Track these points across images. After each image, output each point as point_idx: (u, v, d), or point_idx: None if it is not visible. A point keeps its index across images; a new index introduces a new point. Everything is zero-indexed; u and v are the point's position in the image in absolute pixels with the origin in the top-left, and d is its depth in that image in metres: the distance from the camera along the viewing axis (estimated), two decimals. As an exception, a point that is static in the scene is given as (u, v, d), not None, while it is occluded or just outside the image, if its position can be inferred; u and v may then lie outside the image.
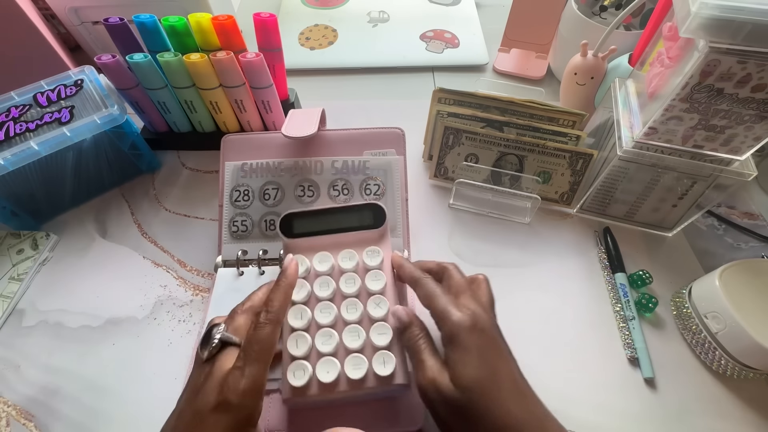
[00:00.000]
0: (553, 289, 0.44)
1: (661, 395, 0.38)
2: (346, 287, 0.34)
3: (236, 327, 0.29)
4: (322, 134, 0.44)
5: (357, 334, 0.32)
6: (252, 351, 0.26)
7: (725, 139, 0.37)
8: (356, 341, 0.31)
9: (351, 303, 0.33)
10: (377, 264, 0.34)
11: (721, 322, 0.36)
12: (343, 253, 0.35)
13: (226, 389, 0.25)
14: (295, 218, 0.36)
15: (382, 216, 0.36)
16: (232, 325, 0.29)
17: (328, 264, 0.34)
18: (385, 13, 0.75)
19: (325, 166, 0.44)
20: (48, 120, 0.42)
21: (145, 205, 0.50)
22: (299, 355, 0.31)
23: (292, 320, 0.32)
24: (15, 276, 0.44)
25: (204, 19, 0.43)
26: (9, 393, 0.38)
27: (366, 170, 0.44)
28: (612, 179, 0.44)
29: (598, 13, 0.56)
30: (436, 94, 0.49)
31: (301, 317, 0.32)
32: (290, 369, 0.30)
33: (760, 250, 0.47)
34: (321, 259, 0.34)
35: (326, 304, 0.33)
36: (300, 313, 0.32)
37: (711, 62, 0.31)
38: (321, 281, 0.34)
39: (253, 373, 0.25)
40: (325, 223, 0.36)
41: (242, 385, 0.25)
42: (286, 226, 0.35)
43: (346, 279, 0.34)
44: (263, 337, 0.27)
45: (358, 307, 0.33)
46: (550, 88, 0.62)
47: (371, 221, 0.36)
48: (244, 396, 0.25)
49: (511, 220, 0.49)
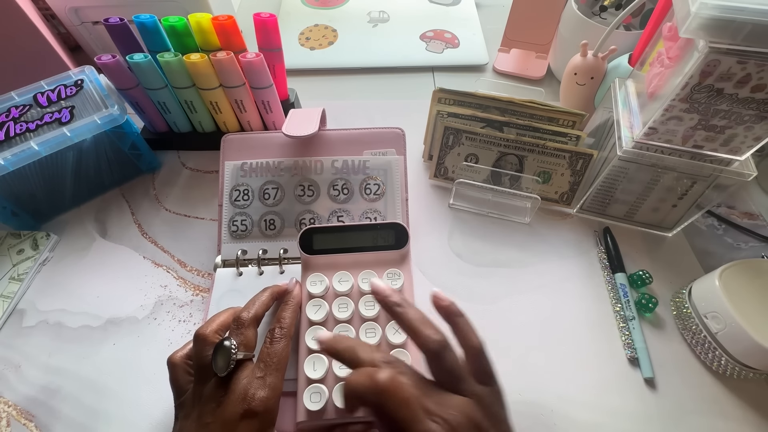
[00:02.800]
0: (553, 289, 0.44)
1: (661, 395, 0.38)
2: (365, 310, 0.33)
3: (246, 341, 0.30)
4: (322, 134, 0.44)
5: None
6: (272, 363, 0.29)
7: (725, 140, 0.37)
8: None
9: (370, 327, 0.32)
10: (398, 287, 0.34)
11: (721, 322, 0.36)
12: (364, 273, 0.34)
13: (251, 398, 0.27)
14: (315, 233, 0.35)
15: (404, 236, 0.35)
16: (242, 340, 0.30)
17: (348, 284, 0.34)
18: (385, 13, 0.75)
19: (325, 166, 0.44)
20: (48, 120, 0.42)
21: (145, 205, 0.50)
22: (316, 378, 0.31)
23: (310, 341, 0.32)
24: (15, 276, 0.44)
25: (204, 19, 0.43)
26: (9, 393, 0.38)
27: (366, 170, 0.44)
28: (612, 179, 0.44)
29: (598, 13, 0.56)
30: (436, 94, 0.49)
31: None
32: (306, 392, 0.30)
33: (760, 250, 0.47)
34: (341, 278, 0.34)
35: (344, 327, 0.32)
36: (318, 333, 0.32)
37: (711, 62, 0.31)
38: (340, 302, 0.33)
39: (274, 382, 0.28)
40: (345, 241, 0.35)
41: (265, 394, 0.27)
42: (306, 242, 0.35)
43: (365, 301, 0.33)
44: (279, 350, 0.30)
45: (377, 331, 0.32)
46: (550, 88, 0.62)
47: (393, 241, 0.35)
48: (267, 402, 0.27)
49: (511, 220, 0.49)
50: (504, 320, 0.42)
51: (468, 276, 0.45)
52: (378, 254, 0.35)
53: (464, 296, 0.43)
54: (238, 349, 0.29)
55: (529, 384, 0.38)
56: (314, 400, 0.30)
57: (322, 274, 0.34)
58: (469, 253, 0.46)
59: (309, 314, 0.33)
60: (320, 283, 0.34)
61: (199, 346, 0.30)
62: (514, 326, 0.42)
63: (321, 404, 0.29)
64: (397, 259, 0.35)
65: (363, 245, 0.35)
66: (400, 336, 0.32)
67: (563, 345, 0.40)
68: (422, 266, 0.45)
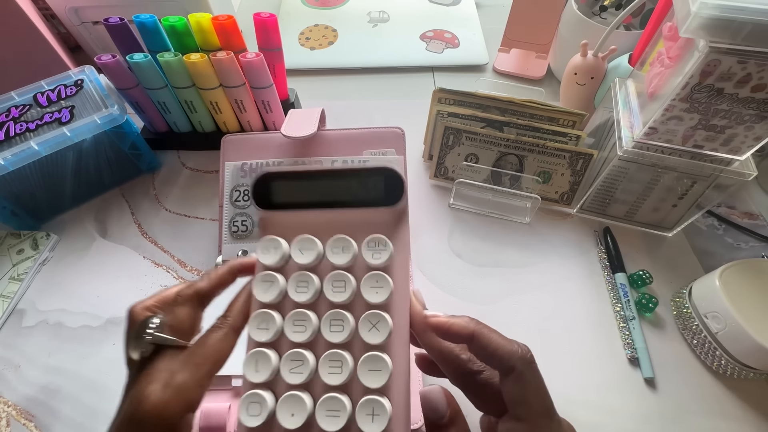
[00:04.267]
0: (553, 289, 0.44)
1: (661, 395, 0.38)
2: (332, 292, 0.23)
3: (177, 322, 0.23)
4: (321, 134, 0.44)
5: (340, 365, 0.22)
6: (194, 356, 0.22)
7: (725, 139, 0.37)
8: (337, 375, 0.22)
9: (337, 317, 0.23)
10: (381, 263, 0.23)
11: (721, 322, 0.36)
12: (335, 241, 0.24)
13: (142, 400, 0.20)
14: (275, 181, 0.25)
15: (398, 188, 0.24)
16: (171, 320, 0.23)
17: (312, 254, 0.24)
18: (385, 13, 0.75)
19: (325, 166, 0.43)
20: (48, 120, 0.42)
21: (145, 205, 0.50)
22: (258, 382, 0.22)
23: (254, 331, 0.23)
24: (15, 276, 0.44)
25: (204, 19, 0.43)
26: (9, 393, 0.38)
27: None
28: (612, 179, 0.44)
29: (598, 13, 0.56)
30: (436, 94, 0.49)
31: (267, 326, 0.23)
32: (244, 400, 0.22)
33: (760, 250, 0.47)
34: (303, 245, 0.24)
35: (302, 314, 0.23)
36: (267, 320, 0.23)
37: (711, 62, 0.31)
38: (299, 279, 0.23)
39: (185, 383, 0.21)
40: (316, 193, 0.25)
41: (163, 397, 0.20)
42: (261, 192, 0.25)
43: (334, 280, 0.23)
44: (210, 343, 0.22)
45: (347, 324, 0.22)
46: (550, 88, 0.62)
47: (382, 195, 0.24)
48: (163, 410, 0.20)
49: (511, 220, 0.49)
50: (504, 320, 0.42)
51: (468, 276, 0.45)
52: (361, 212, 0.24)
53: (464, 296, 0.43)
54: (163, 330, 0.22)
55: (529, 384, 0.38)
56: (252, 412, 0.21)
57: (279, 239, 0.24)
58: (469, 253, 0.46)
59: (257, 293, 0.23)
60: (277, 250, 0.24)
61: (127, 323, 0.24)
62: (514, 326, 0.42)
63: (260, 420, 0.21)
64: (388, 222, 0.24)
65: (340, 199, 0.25)
66: (378, 335, 0.22)
67: (563, 345, 0.40)
68: (422, 266, 0.45)
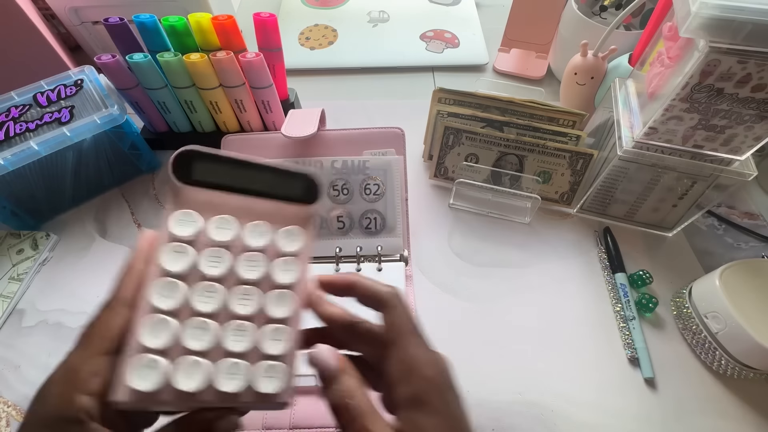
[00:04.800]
0: (553, 289, 0.44)
1: (661, 395, 0.38)
2: (245, 270, 0.25)
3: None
4: (321, 134, 0.44)
5: (244, 334, 0.23)
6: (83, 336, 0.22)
7: (725, 139, 0.37)
8: (240, 342, 0.23)
9: (246, 293, 0.24)
10: (294, 250, 0.26)
11: (721, 322, 0.36)
12: (254, 225, 0.26)
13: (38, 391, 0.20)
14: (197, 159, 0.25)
15: (315, 191, 0.26)
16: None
17: (230, 233, 0.25)
18: (385, 13, 0.75)
19: (325, 166, 0.43)
20: (48, 120, 0.42)
21: (145, 205, 0.50)
22: (154, 347, 0.22)
23: (157, 297, 0.23)
24: (15, 276, 0.44)
25: (204, 19, 0.43)
26: (9, 393, 0.38)
27: (366, 170, 0.43)
28: (612, 179, 0.44)
29: (598, 13, 0.56)
30: (436, 94, 0.49)
31: (170, 295, 0.23)
32: (135, 363, 0.22)
33: (760, 250, 0.47)
34: (221, 224, 0.25)
35: (211, 286, 0.24)
36: (171, 288, 0.23)
37: (711, 62, 0.31)
38: (212, 253, 0.25)
39: (69, 363, 0.21)
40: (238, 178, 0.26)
41: (49, 378, 0.20)
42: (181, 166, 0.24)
43: (248, 259, 0.25)
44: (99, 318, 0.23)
45: (254, 299, 0.24)
46: (550, 88, 0.62)
47: (301, 193, 0.26)
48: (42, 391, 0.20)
49: (511, 220, 0.49)
50: (504, 320, 0.42)
51: (468, 276, 0.45)
52: (278, 205, 0.26)
53: (464, 296, 0.43)
54: None
55: (529, 384, 0.38)
56: (143, 375, 0.21)
57: (196, 214, 0.25)
58: (469, 253, 0.46)
59: (164, 262, 0.24)
60: (192, 224, 0.25)
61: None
62: (514, 326, 0.42)
63: (153, 383, 0.21)
64: (301, 217, 0.27)
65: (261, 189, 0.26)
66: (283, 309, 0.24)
67: (563, 345, 0.40)
68: (422, 266, 0.45)
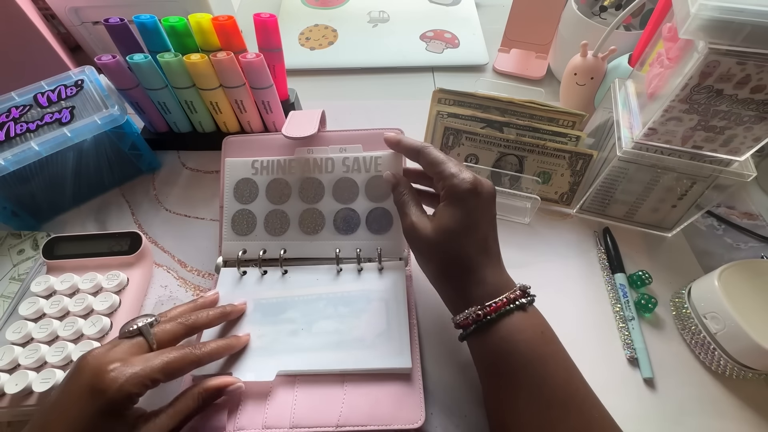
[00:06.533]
0: (553, 290, 0.44)
1: (660, 395, 0.38)
2: (74, 305, 0.38)
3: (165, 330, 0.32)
4: (322, 135, 0.44)
5: (62, 351, 0.35)
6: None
7: (725, 140, 0.37)
8: (59, 358, 0.35)
9: (71, 321, 0.37)
10: (112, 287, 0.39)
11: (721, 323, 0.36)
12: (87, 275, 0.40)
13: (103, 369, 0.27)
14: (58, 242, 0.42)
15: (137, 244, 0.42)
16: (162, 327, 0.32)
17: (69, 283, 0.39)
18: (385, 13, 0.75)
19: (336, 162, 0.43)
20: (48, 120, 0.42)
21: (145, 205, 0.50)
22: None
23: (10, 334, 0.36)
24: (15, 276, 0.44)
25: (204, 19, 0.43)
26: (10, 393, 0.38)
27: (378, 166, 0.42)
28: (612, 179, 0.44)
29: (598, 13, 0.56)
30: (436, 95, 0.49)
31: (20, 331, 0.36)
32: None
33: (760, 250, 0.47)
34: (64, 279, 0.39)
35: (47, 321, 0.37)
36: (20, 326, 0.36)
37: (710, 63, 0.31)
38: (54, 299, 0.38)
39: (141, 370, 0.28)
40: (83, 248, 0.41)
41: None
42: (48, 249, 0.41)
43: (77, 298, 0.38)
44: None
45: (76, 326, 0.36)
46: (550, 89, 0.62)
47: (126, 248, 0.42)
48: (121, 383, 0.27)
49: (511, 221, 0.49)
50: (504, 320, 0.42)
51: (468, 276, 0.45)
52: (111, 259, 0.41)
53: (464, 296, 0.43)
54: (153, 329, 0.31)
55: (528, 384, 0.38)
56: None
57: (50, 277, 0.40)
58: (469, 254, 0.46)
59: (21, 309, 0.38)
60: (45, 283, 0.39)
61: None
62: (514, 326, 0.42)
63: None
64: (132, 262, 0.42)
65: (96, 251, 0.41)
66: (94, 328, 0.37)
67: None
68: (422, 266, 0.45)
